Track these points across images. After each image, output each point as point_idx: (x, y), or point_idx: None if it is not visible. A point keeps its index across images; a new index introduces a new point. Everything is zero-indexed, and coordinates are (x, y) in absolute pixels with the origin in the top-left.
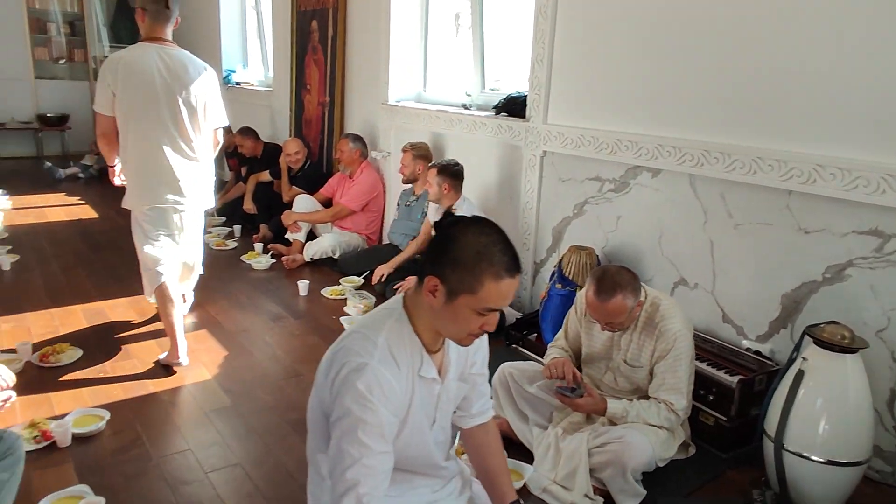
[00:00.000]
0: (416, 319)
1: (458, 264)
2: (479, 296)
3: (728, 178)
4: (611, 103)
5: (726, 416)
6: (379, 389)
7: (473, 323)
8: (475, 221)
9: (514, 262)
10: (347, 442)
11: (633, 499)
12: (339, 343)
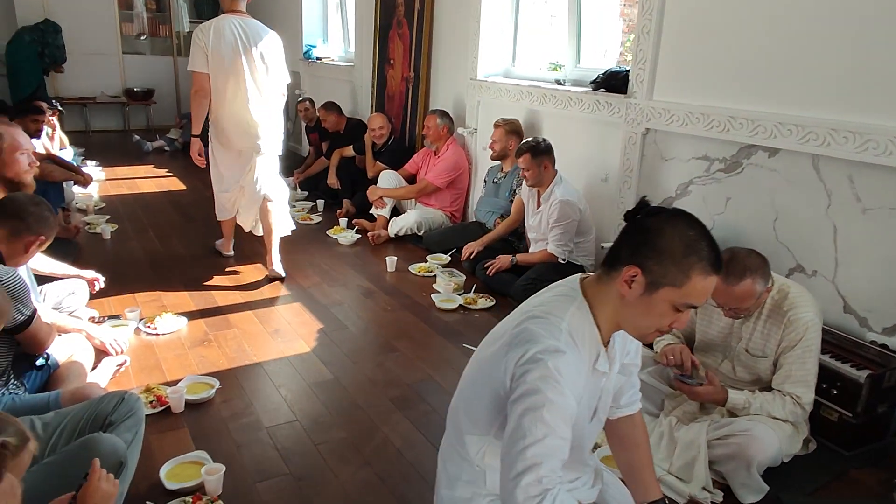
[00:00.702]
0: (598, 310)
1: (664, 255)
2: (684, 290)
3: (858, 159)
4: (725, 78)
5: (852, 413)
6: (568, 374)
7: (667, 318)
8: (678, 213)
9: (720, 259)
10: (531, 421)
11: (755, 494)
12: (517, 324)
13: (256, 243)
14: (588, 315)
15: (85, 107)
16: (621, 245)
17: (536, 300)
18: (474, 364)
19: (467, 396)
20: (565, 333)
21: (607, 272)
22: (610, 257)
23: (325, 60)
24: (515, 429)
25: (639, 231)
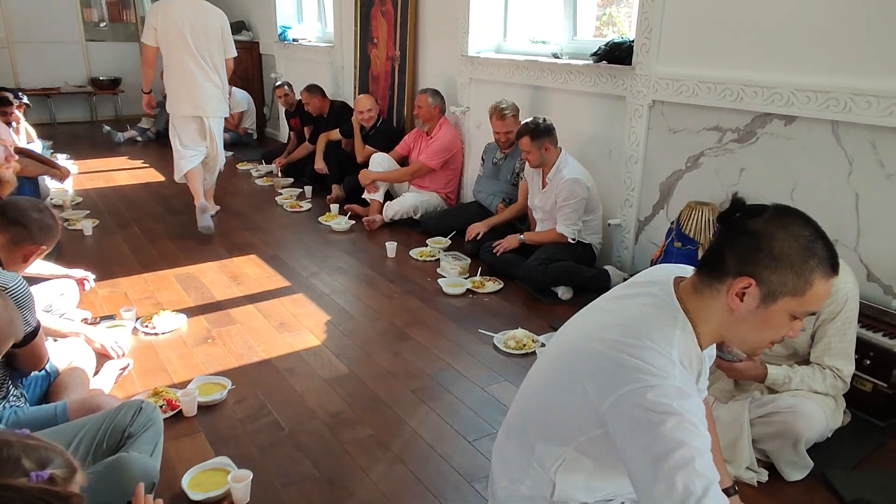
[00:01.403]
0: (700, 325)
1: (780, 262)
2: (806, 298)
3: (882, 123)
4: (737, 45)
5: (886, 383)
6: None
7: (783, 329)
8: (784, 211)
9: (836, 256)
10: (686, 476)
11: (801, 471)
12: (615, 348)
13: (248, 233)
14: (691, 333)
15: (49, 97)
16: (724, 252)
17: (629, 312)
18: (551, 369)
19: (541, 404)
20: (677, 363)
21: (709, 283)
22: (711, 265)
23: (302, 42)
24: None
25: (744, 235)
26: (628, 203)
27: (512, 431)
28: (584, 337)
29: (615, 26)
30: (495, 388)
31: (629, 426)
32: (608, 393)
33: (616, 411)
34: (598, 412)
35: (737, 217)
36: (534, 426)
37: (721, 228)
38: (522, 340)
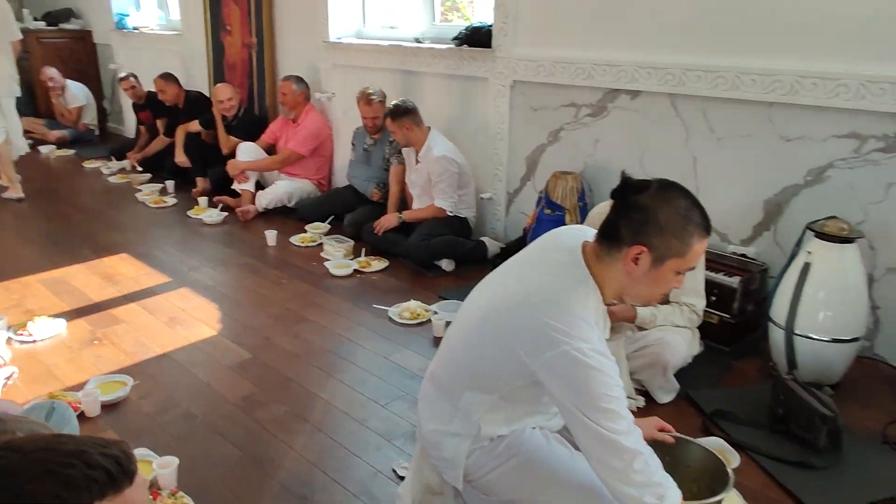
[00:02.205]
0: (604, 286)
1: (665, 230)
2: (687, 257)
3: (710, 94)
4: (587, 29)
5: (729, 314)
6: (614, 370)
7: (671, 284)
8: (665, 185)
9: (708, 219)
10: (610, 419)
11: (670, 394)
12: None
13: (113, 233)
14: (600, 297)
15: None
16: (619, 225)
17: (547, 281)
18: (476, 330)
19: (470, 360)
20: (594, 328)
21: (608, 251)
22: (608, 236)
23: (143, 30)
24: (603, 433)
25: (634, 209)
26: (497, 177)
27: (438, 382)
28: (511, 299)
29: (458, 12)
30: (397, 356)
31: (560, 383)
32: (538, 355)
33: (547, 370)
34: (529, 369)
35: (627, 192)
36: (463, 378)
37: (614, 204)
38: (416, 311)
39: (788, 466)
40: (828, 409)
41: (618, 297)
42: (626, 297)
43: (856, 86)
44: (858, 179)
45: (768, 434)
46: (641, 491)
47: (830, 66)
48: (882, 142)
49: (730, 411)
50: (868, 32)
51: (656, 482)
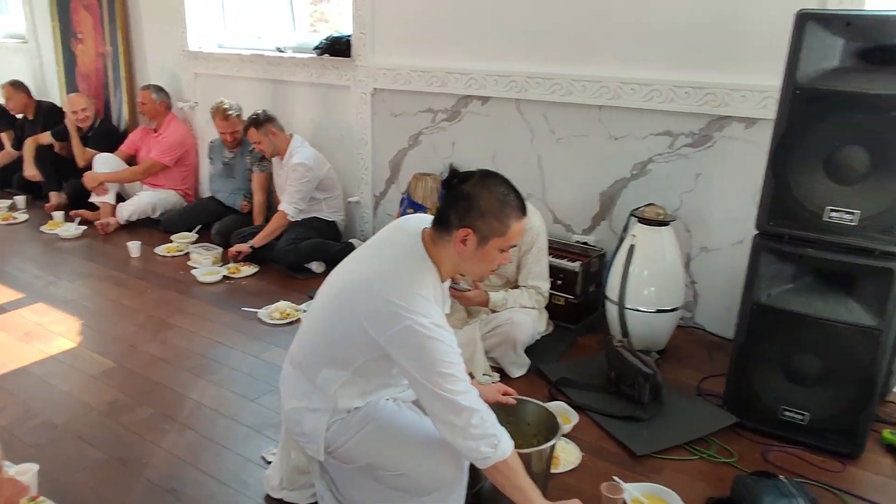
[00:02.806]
0: (442, 267)
1: (486, 214)
2: (507, 236)
3: (549, 99)
4: (440, 39)
5: (573, 295)
6: (451, 339)
7: (498, 259)
8: (485, 174)
9: (524, 202)
10: (449, 382)
11: (521, 368)
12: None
13: None
14: (437, 276)
15: None
16: (448, 211)
17: (390, 263)
18: (330, 311)
19: (325, 338)
20: (432, 301)
21: (441, 235)
22: (441, 222)
23: None
24: (443, 394)
25: (460, 197)
26: (364, 181)
27: (297, 362)
28: (359, 283)
29: (328, 22)
30: (267, 355)
31: (405, 354)
32: (384, 330)
33: (393, 343)
34: (378, 344)
35: (454, 182)
36: (319, 356)
37: (444, 193)
38: (287, 311)
39: (619, 421)
40: (649, 367)
41: (454, 273)
42: (462, 273)
43: (666, 90)
44: (673, 171)
45: (603, 395)
46: (478, 442)
47: (645, 73)
48: (690, 138)
49: (572, 379)
50: (673, 45)
51: (491, 434)
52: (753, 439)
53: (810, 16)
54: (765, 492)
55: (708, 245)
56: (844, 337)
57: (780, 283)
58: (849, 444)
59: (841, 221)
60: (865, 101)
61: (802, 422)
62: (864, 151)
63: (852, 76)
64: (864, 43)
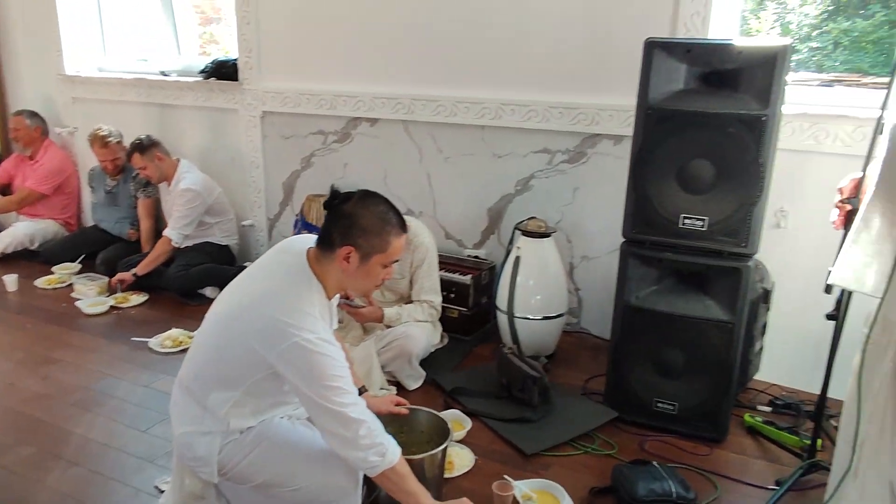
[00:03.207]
0: (326, 283)
1: (367, 232)
2: (388, 252)
3: (435, 120)
4: (326, 64)
5: (466, 307)
6: (338, 353)
7: (381, 275)
8: (365, 194)
9: (403, 219)
10: (337, 394)
11: (417, 380)
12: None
13: None
14: (323, 293)
15: None
16: (332, 230)
17: (276, 283)
18: (218, 332)
19: (214, 360)
20: (318, 317)
21: (325, 254)
22: (325, 241)
23: None
24: (331, 407)
25: (341, 217)
26: (257, 204)
27: (186, 386)
28: (246, 304)
29: (218, 44)
30: (159, 384)
31: (294, 369)
32: (273, 347)
33: (282, 360)
34: (267, 362)
35: (335, 203)
36: (208, 378)
37: (327, 213)
38: (179, 338)
39: (510, 423)
40: (537, 372)
41: (340, 290)
42: (348, 289)
43: (542, 111)
44: (553, 186)
45: (496, 401)
46: (367, 452)
47: (523, 95)
48: (566, 155)
49: (466, 387)
50: (547, 70)
51: (378, 443)
52: (631, 431)
53: (656, 44)
54: (640, 477)
55: (588, 254)
56: (703, 331)
57: (647, 286)
58: (714, 430)
59: (693, 227)
60: (707, 119)
61: (673, 412)
62: (709, 164)
63: (695, 97)
64: (703, 67)
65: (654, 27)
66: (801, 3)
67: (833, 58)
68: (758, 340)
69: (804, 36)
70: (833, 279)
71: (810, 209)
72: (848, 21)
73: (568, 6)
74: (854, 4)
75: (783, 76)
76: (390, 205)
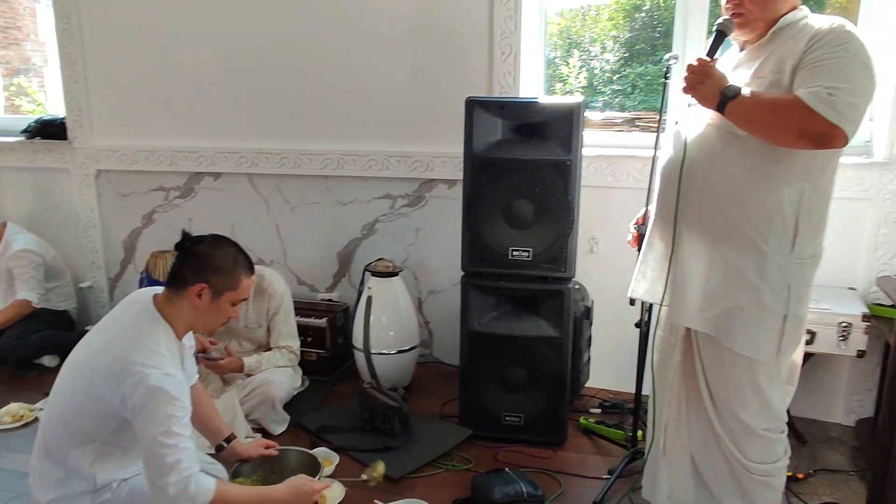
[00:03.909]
0: (175, 323)
1: (220, 270)
2: (239, 290)
3: (280, 172)
4: (162, 120)
5: (324, 349)
6: (180, 390)
7: (229, 313)
8: (217, 237)
9: (251, 262)
10: (163, 435)
11: (282, 424)
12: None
13: None
14: (171, 333)
15: None
16: (183, 269)
17: (122, 328)
18: (69, 387)
19: (68, 416)
20: (166, 355)
21: (176, 292)
22: (176, 280)
23: None
24: (152, 445)
25: (194, 256)
26: (95, 265)
27: (45, 450)
28: (94, 352)
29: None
30: (4, 461)
31: (135, 405)
32: (118, 386)
33: (125, 397)
34: (114, 406)
35: (187, 245)
36: (65, 436)
37: (179, 254)
38: (19, 412)
39: (375, 453)
40: (396, 402)
41: (190, 329)
42: (195, 329)
43: (381, 159)
44: (397, 229)
45: (360, 434)
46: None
47: (363, 146)
48: (406, 199)
49: (331, 424)
50: (383, 122)
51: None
52: (485, 445)
53: (475, 102)
54: (495, 484)
55: (434, 288)
56: (538, 348)
57: (487, 313)
58: (555, 434)
59: (521, 258)
60: (523, 165)
61: (520, 423)
62: (529, 203)
63: (512, 146)
64: (516, 121)
65: (474, 85)
66: (601, 51)
67: (633, 98)
68: (585, 352)
69: (607, 80)
70: (632, 293)
71: (616, 235)
72: (641, 66)
73: (398, 66)
74: (645, 52)
75: (580, 127)
76: (239, 248)
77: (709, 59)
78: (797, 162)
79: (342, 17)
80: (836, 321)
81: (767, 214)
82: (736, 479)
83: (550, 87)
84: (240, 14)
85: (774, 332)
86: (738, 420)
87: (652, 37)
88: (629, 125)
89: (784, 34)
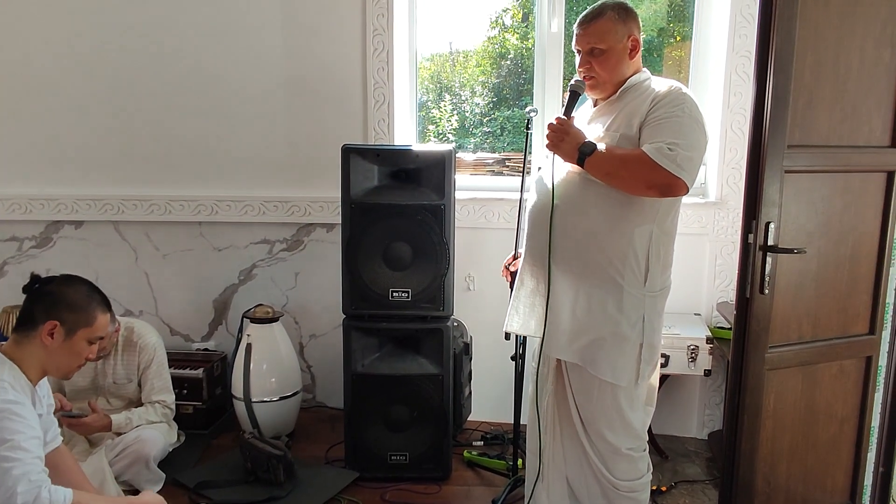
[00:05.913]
0: (26, 366)
1: (72, 306)
2: (94, 326)
3: (149, 219)
4: (15, 167)
5: (201, 401)
6: (30, 413)
7: (85, 353)
8: (68, 276)
9: (107, 299)
10: (9, 450)
11: (157, 484)
12: None
13: None
14: (19, 373)
15: None
16: (32, 309)
17: None
18: None
19: None
20: (10, 385)
21: (26, 334)
22: (24, 322)
23: None
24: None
25: (44, 295)
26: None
27: None
28: None
29: None
30: None
31: None
32: None
33: None
34: None
35: (35, 287)
36: None
37: (28, 296)
38: None
39: None
40: (279, 450)
41: (43, 374)
42: (49, 372)
43: (258, 205)
44: (276, 273)
45: (244, 486)
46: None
47: (238, 192)
48: (285, 244)
49: (211, 480)
50: (258, 169)
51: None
52: (373, 486)
53: (351, 149)
54: None
55: (315, 332)
56: (420, 386)
57: (370, 354)
58: (440, 470)
59: (400, 298)
60: (400, 210)
61: (405, 461)
62: (407, 245)
63: (388, 191)
64: (391, 167)
65: (350, 131)
66: (471, 95)
67: (502, 139)
68: (466, 387)
69: (477, 122)
70: (507, 327)
71: (491, 272)
72: (509, 110)
73: (273, 113)
74: (512, 97)
75: (452, 172)
76: (94, 286)
77: (566, 118)
78: (646, 207)
79: (216, 65)
80: (685, 344)
81: (622, 253)
82: (606, 496)
83: (423, 130)
84: (103, 53)
85: (633, 359)
86: (606, 441)
87: (517, 83)
88: (500, 165)
89: (630, 94)
